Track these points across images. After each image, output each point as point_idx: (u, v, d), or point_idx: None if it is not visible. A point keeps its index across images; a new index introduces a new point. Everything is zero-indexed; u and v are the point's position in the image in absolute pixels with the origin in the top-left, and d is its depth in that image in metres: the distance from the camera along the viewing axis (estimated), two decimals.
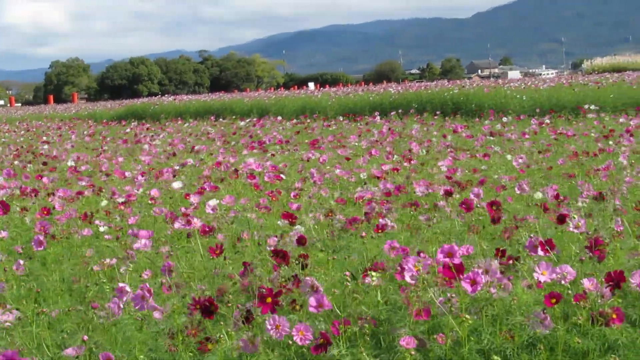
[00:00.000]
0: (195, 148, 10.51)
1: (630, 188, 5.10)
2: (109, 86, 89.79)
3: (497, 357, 2.43)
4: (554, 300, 2.58)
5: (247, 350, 2.53)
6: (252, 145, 10.70)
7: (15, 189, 6.54)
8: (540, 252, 2.80)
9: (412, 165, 7.18)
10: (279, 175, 6.72)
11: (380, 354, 2.67)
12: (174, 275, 3.27)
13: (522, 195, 4.99)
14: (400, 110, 17.27)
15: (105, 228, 4.98)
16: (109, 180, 7.53)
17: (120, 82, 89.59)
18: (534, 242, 2.80)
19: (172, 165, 8.37)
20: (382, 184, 5.56)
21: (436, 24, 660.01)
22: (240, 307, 2.69)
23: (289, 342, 2.57)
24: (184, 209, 5.02)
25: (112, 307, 2.87)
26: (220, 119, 19.97)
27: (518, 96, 17.23)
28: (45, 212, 5.26)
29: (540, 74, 65.48)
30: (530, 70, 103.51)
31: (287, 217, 4.31)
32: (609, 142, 8.18)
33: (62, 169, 8.86)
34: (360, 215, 4.36)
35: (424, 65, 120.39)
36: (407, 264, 2.71)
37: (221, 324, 2.70)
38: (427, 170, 6.88)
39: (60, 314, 3.45)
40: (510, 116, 13.49)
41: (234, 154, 9.18)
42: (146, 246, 4.00)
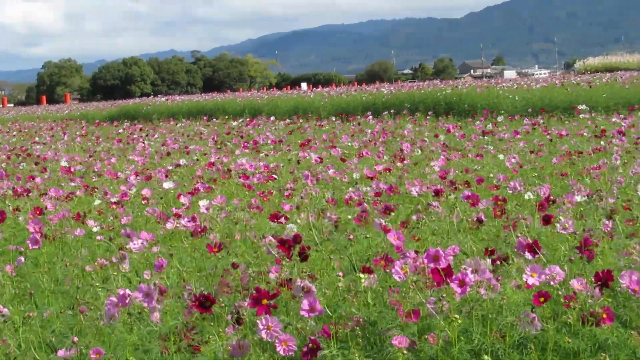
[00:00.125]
0: (188, 148, 10.50)
1: (622, 188, 5.11)
2: (101, 86, 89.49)
3: (488, 357, 2.44)
4: (542, 299, 2.59)
5: (235, 354, 2.51)
6: (245, 145, 10.69)
7: (8, 190, 6.53)
8: (527, 255, 2.81)
9: (405, 165, 7.18)
10: (271, 175, 6.71)
11: (372, 355, 2.67)
12: (170, 275, 3.27)
13: (515, 194, 4.99)
14: (393, 110, 17.28)
15: (97, 228, 4.96)
16: (101, 180, 7.52)
17: (113, 83, 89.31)
18: (524, 243, 2.80)
19: (165, 165, 8.35)
20: (375, 184, 5.55)
21: (429, 23, 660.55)
22: (232, 309, 2.67)
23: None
24: (175, 209, 5.01)
25: (110, 310, 2.79)
26: (213, 119, 19.95)
27: (511, 96, 17.26)
28: (38, 212, 5.24)
29: (533, 74, 65.56)
30: (523, 70, 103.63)
31: (274, 218, 4.29)
32: (600, 142, 8.20)
33: (54, 169, 8.83)
34: (352, 215, 4.35)
35: (416, 65, 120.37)
36: (395, 265, 2.71)
37: (211, 325, 2.69)
38: (419, 170, 6.88)
39: (52, 315, 3.44)
40: (503, 116, 13.51)
41: (226, 154, 9.17)
42: (141, 246, 3.99)
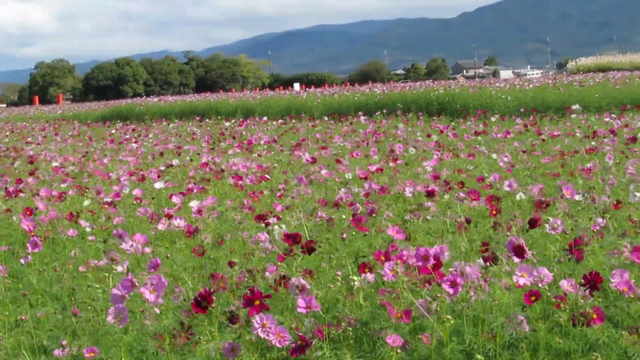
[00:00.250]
0: (181, 149, 10.49)
1: (614, 188, 5.13)
2: (94, 87, 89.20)
3: (480, 357, 2.44)
4: (533, 298, 2.60)
5: (228, 356, 2.51)
6: (239, 145, 10.69)
7: (0, 191, 6.54)
8: (515, 258, 2.81)
9: (397, 165, 7.19)
10: (264, 176, 6.71)
11: (364, 355, 2.67)
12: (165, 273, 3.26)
13: (510, 192, 5.01)
14: (385, 111, 17.30)
15: (89, 229, 4.96)
16: (94, 181, 7.51)
17: (106, 83, 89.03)
18: (514, 243, 2.81)
19: (157, 166, 8.35)
20: (368, 184, 5.56)
21: (422, 24, 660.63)
22: (227, 309, 2.67)
23: (269, 345, 2.54)
24: (167, 209, 5.01)
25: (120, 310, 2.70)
26: (206, 120, 19.94)
27: (503, 96, 17.29)
28: (29, 213, 5.23)
29: (526, 74, 65.65)
30: (516, 71, 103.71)
31: (260, 219, 4.29)
32: (591, 142, 8.22)
33: (47, 169, 8.82)
34: (347, 216, 4.37)
35: (409, 65, 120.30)
36: (386, 266, 2.71)
37: (205, 324, 2.69)
38: (412, 171, 6.89)
39: (44, 317, 3.44)
40: (495, 117, 13.53)
41: (219, 155, 9.16)
42: (135, 247, 3.98)
